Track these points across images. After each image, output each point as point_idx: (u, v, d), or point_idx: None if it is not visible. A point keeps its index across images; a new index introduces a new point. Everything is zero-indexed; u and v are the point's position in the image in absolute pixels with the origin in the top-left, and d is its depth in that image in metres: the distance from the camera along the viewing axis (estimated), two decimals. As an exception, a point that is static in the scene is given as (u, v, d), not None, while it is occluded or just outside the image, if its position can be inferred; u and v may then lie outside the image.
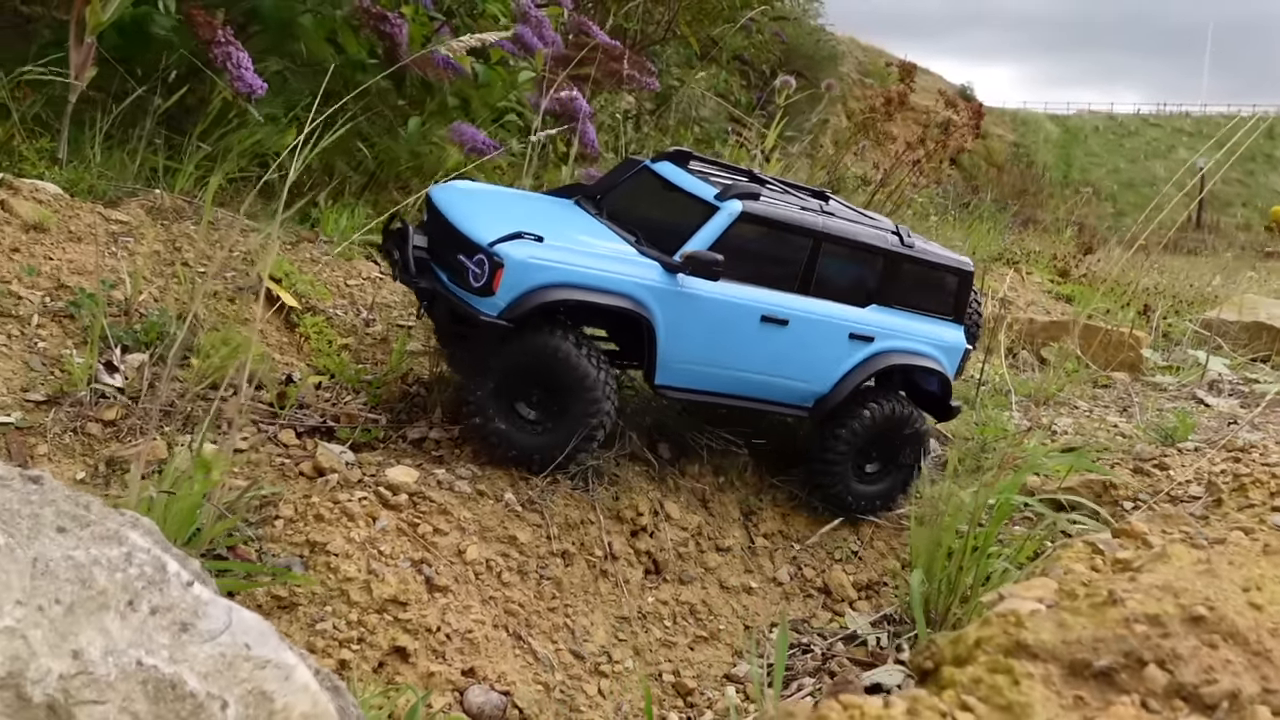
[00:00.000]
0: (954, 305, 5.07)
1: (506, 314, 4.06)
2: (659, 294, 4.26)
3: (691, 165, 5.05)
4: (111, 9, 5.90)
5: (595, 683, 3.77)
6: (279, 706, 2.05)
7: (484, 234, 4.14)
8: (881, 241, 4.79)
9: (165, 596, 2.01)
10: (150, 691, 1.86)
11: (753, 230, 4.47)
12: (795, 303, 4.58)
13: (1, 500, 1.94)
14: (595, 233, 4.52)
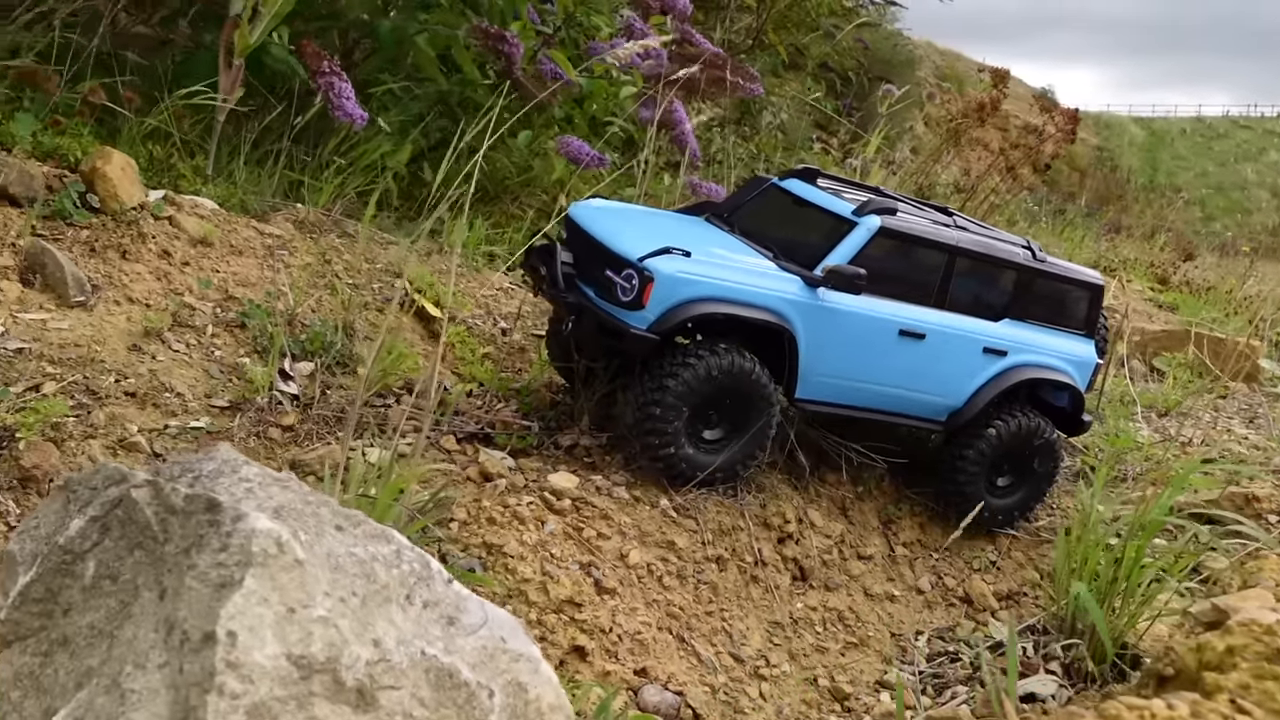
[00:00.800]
0: (1085, 319, 5.08)
1: (655, 327, 4.14)
2: (801, 308, 4.32)
3: (820, 182, 5.11)
4: (259, 33, 6.16)
5: (756, 685, 3.86)
6: (532, 697, 2.18)
7: (632, 249, 4.23)
8: (1014, 256, 4.82)
9: (432, 592, 2.15)
10: (432, 680, 1.99)
11: (890, 245, 4.53)
12: (931, 317, 4.63)
13: (287, 501, 2.10)
14: (734, 248, 4.60)
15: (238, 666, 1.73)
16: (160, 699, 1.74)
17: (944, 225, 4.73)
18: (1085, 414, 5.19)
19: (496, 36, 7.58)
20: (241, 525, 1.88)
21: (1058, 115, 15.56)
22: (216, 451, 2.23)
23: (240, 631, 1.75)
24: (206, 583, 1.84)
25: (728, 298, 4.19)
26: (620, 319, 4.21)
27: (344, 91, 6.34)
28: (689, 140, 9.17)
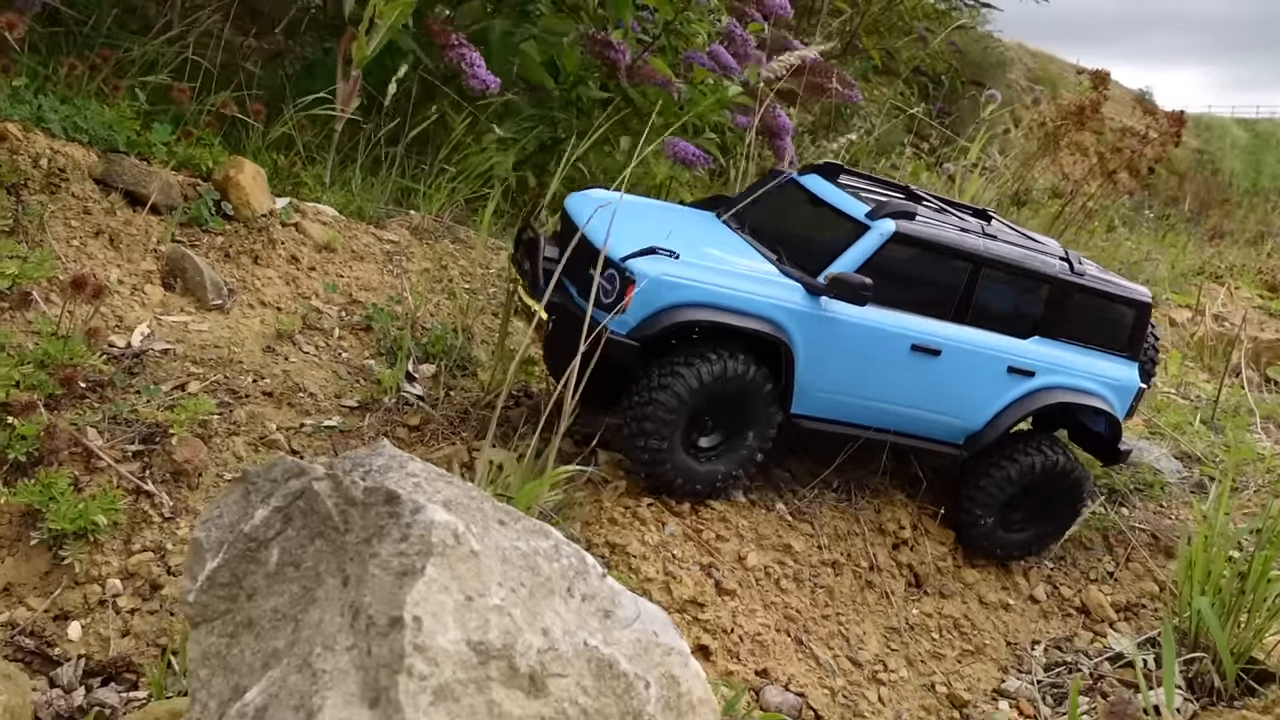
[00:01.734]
0: (1128, 340, 4.62)
1: (636, 333, 3.83)
2: (800, 318, 3.98)
3: (842, 179, 4.73)
4: (375, 44, 6.36)
5: (874, 690, 3.86)
6: (684, 690, 2.24)
7: (616, 247, 3.93)
8: (1048, 268, 4.39)
9: (589, 585, 2.23)
10: (594, 669, 2.07)
11: (906, 252, 4.14)
12: (949, 331, 4.24)
13: (453, 495, 2.19)
14: (735, 249, 4.26)
15: (424, 650, 1.82)
16: (350, 679, 1.84)
17: (971, 232, 4.32)
18: (1123, 443, 4.74)
19: (603, 43, 7.71)
20: (420, 517, 1.98)
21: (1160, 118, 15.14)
22: (383, 448, 2.34)
23: (425, 617, 1.85)
24: (389, 571, 1.94)
25: (717, 304, 3.87)
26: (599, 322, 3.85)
27: (475, 60, 6.48)
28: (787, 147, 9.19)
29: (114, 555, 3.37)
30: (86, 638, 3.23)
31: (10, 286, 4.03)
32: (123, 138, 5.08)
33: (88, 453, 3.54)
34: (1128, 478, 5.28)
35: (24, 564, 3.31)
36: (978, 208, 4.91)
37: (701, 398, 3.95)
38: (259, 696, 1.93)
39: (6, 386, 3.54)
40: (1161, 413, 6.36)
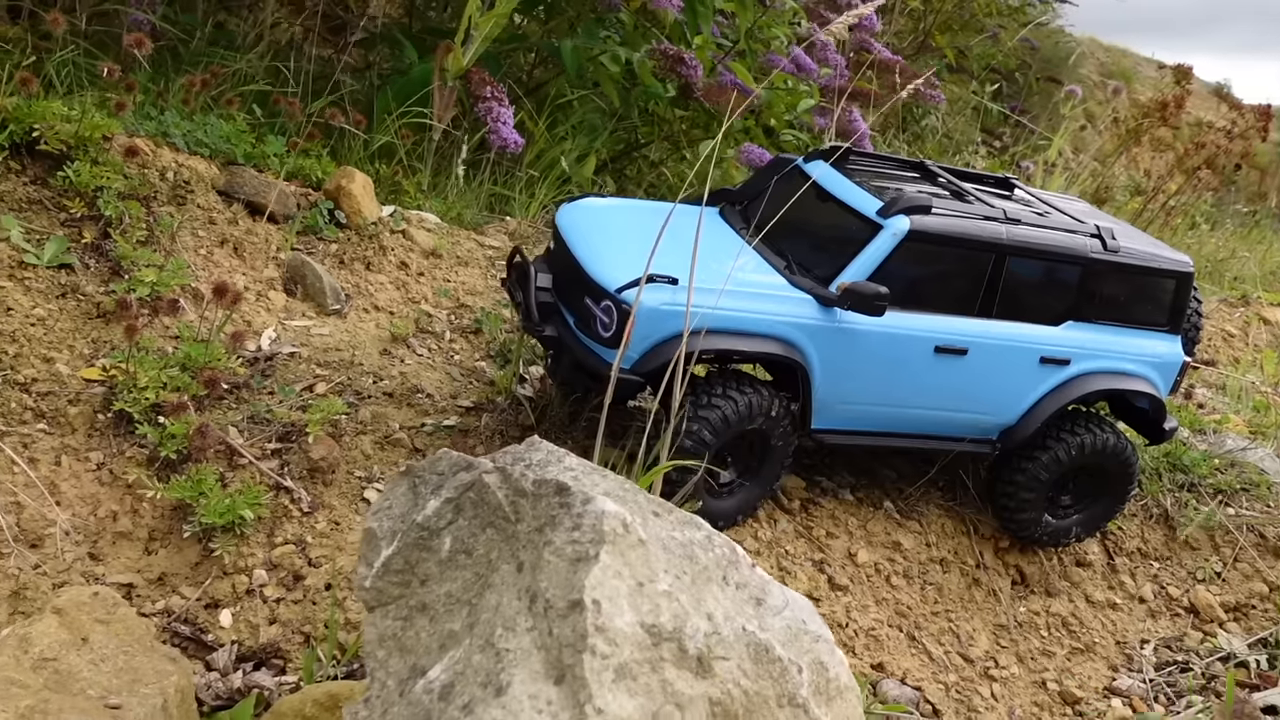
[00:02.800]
0: (1170, 313, 4.37)
1: (640, 368, 3.65)
2: (814, 332, 3.78)
3: (851, 165, 4.41)
4: (471, 55, 6.54)
5: (987, 686, 3.90)
6: (832, 675, 2.33)
7: (611, 274, 3.71)
8: (1079, 249, 4.10)
9: (741, 574, 2.32)
10: (752, 654, 2.16)
11: (923, 249, 3.87)
12: (975, 328, 4.02)
13: (610, 488, 2.30)
14: (734, 259, 3.94)
15: (604, 631, 1.93)
16: (534, 658, 1.96)
17: (994, 218, 4.00)
18: (1168, 421, 4.53)
19: (675, 58, 7.81)
20: (591, 507, 2.10)
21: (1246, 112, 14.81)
22: (539, 444, 2.46)
23: (603, 600, 1.96)
24: (563, 558, 2.06)
25: (724, 328, 3.67)
26: (601, 356, 3.72)
27: (501, 116, 6.58)
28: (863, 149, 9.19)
29: (259, 547, 3.55)
30: (236, 625, 3.41)
31: (150, 294, 4.25)
32: (240, 150, 5.31)
33: (231, 451, 3.73)
34: (1233, 477, 5.23)
35: (176, 555, 3.51)
36: (999, 175, 4.66)
37: (724, 441, 3.81)
38: (443, 674, 2.06)
39: (156, 388, 3.74)
40: (1262, 413, 6.27)
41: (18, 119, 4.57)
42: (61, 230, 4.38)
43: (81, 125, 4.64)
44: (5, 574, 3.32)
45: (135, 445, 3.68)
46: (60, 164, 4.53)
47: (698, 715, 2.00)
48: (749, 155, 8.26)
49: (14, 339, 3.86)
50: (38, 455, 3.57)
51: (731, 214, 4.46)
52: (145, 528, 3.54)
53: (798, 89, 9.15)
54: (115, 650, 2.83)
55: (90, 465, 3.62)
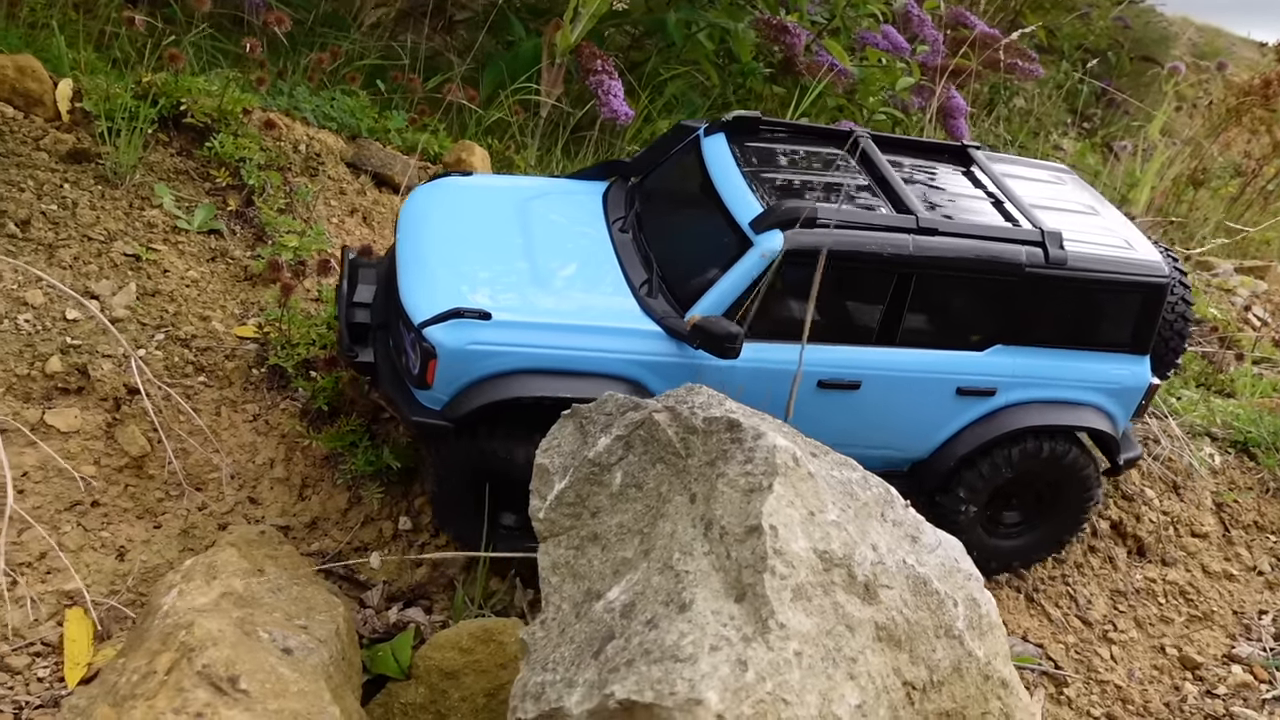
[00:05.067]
0: (1134, 332, 3.62)
1: (450, 412, 3.17)
2: (665, 370, 3.21)
3: (755, 142, 3.69)
4: (579, 32, 6.68)
5: (1106, 648, 3.94)
6: (983, 611, 2.42)
7: (422, 298, 3.22)
8: (1009, 259, 3.38)
9: (896, 513, 2.42)
10: (911, 585, 2.26)
11: (805, 270, 3.17)
12: (870, 358, 3.40)
13: (774, 425, 2.42)
14: (588, 273, 3.43)
15: (782, 554, 2.05)
16: (713, 579, 2.09)
17: (900, 229, 3.31)
18: (1127, 452, 3.90)
19: (779, 28, 7.84)
20: (762, 442, 2.22)
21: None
22: (700, 388, 2.58)
23: (779, 527, 2.08)
24: (736, 489, 2.18)
25: (554, 368, 3.15)
26: (401, 398, 3.27)
27: (612, 89, 6.70)
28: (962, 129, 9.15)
29: (402, 496, 3.75)
30: (385, 566, 3.61)
31: (292, 258, 4.48)
32: (364, 124, 5.53)
33: (374, 404, 3.93)
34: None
35: (328, 501, 3.72)
36: (956, 145, 4.01)
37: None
38: (622, 595, 2.20)
39: (306, 345, 3.96)
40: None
41: (166, 94, 4.83)
42: (208, 198, 4.62)
43: (224, 100, 4.89)
44: (175, 514, 3.56)
45: (288, 398, 3.90)
46: (204, 136, 4.77)
47: (865, 638, 2.11)
48: (846, 133, 8.23)
49: (172, 298, 4.11)
50: (200, 406, 3.81)
51: (618, 195, 3.86)
52: (299, 475, 3.75)
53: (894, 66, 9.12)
54: (287, 582, 3.04)
55: (247, 416, 3.85)
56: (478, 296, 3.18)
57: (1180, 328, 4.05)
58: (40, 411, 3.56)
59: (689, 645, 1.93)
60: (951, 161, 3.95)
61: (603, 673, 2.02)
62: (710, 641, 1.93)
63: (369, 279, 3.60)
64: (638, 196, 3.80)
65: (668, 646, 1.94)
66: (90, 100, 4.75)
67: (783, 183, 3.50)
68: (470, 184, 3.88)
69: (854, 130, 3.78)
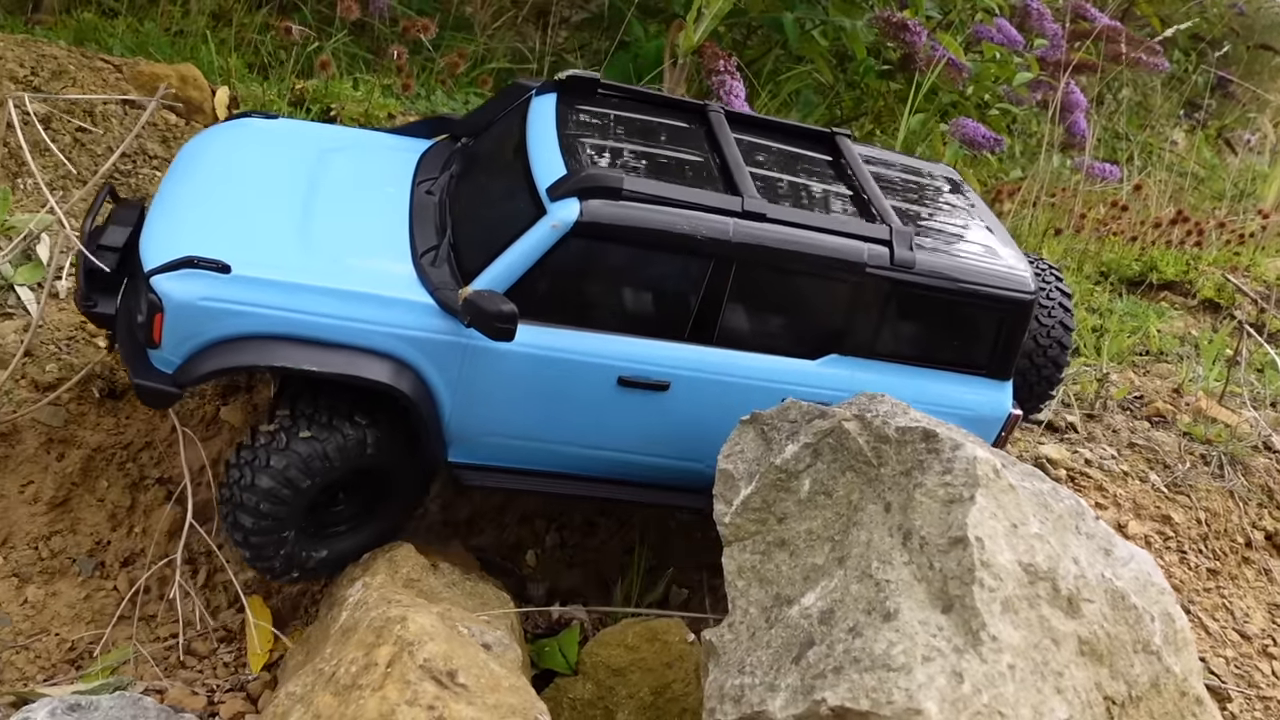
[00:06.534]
0: (993, 353, 3.20)
1: (183, 376, 2.79)
2: (434, 349, 2.86)
3: (587, 108, 3.37)
4: (701, 32, 6.71)
5: (1267, 663, 3.84)
6: (1179, 627, 2.38)
7: (161, 243, 2.85)
8: (849, 256, 2.98)
9: (1088, 525, 2.40)
10: (1110, 599, 2.25)
11: (604, 248, 2.88)
12: (682, 356, 3.01)
13: (968, 435, 2.42)
14: (369, 234, 3.10)
15: (989, 566, 2.06)
16: (917, 589, 2.11)
17: (721, 210, 2.93)
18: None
19: (899, 25, 7.76)
20: (961, 453, 2.22)
21: None
22: (882, 397, 2.59)
23: (985, 539, 2.09)
24: (935, 499, 2.20)
25: (295, 335, 2.78)
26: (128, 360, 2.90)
27: (735, 89, 6.70)
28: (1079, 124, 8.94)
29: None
30: (540, 565, 3.70)
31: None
32: (498, 127, 5.65)
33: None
34: None
35: (483, 500, 3.82)
36: (823, 131, 3.63)
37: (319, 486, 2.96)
38: (819, 602, 2.23)
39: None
40: None
41: (316, 99, 5.01)
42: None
43: (370, 104, 5.04)
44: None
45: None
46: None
47: (1069, 652, 2.11)
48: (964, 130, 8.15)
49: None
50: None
51: (437, 155, 3.54)
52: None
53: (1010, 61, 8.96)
54: (459, 577, 3.14)
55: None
56: (223, 246, 2.78)
57: (1055, 354, 3.62)
58: (215, 408, 3.73)
59: (900, 655, 1.95)
60: (815, 149, 3.58)
61: (806, 678, 2.05)
62: (922, 651, 1.95)
63: (125, 221, 3.10)
64: (458, 159, 3.47)
65: (878, 655, 1.97)
66: (246, 105, 4.95)
67: (607, 152, 3.16)
68: (270, 127, 3.51)
69: (706, 105, 3.49)
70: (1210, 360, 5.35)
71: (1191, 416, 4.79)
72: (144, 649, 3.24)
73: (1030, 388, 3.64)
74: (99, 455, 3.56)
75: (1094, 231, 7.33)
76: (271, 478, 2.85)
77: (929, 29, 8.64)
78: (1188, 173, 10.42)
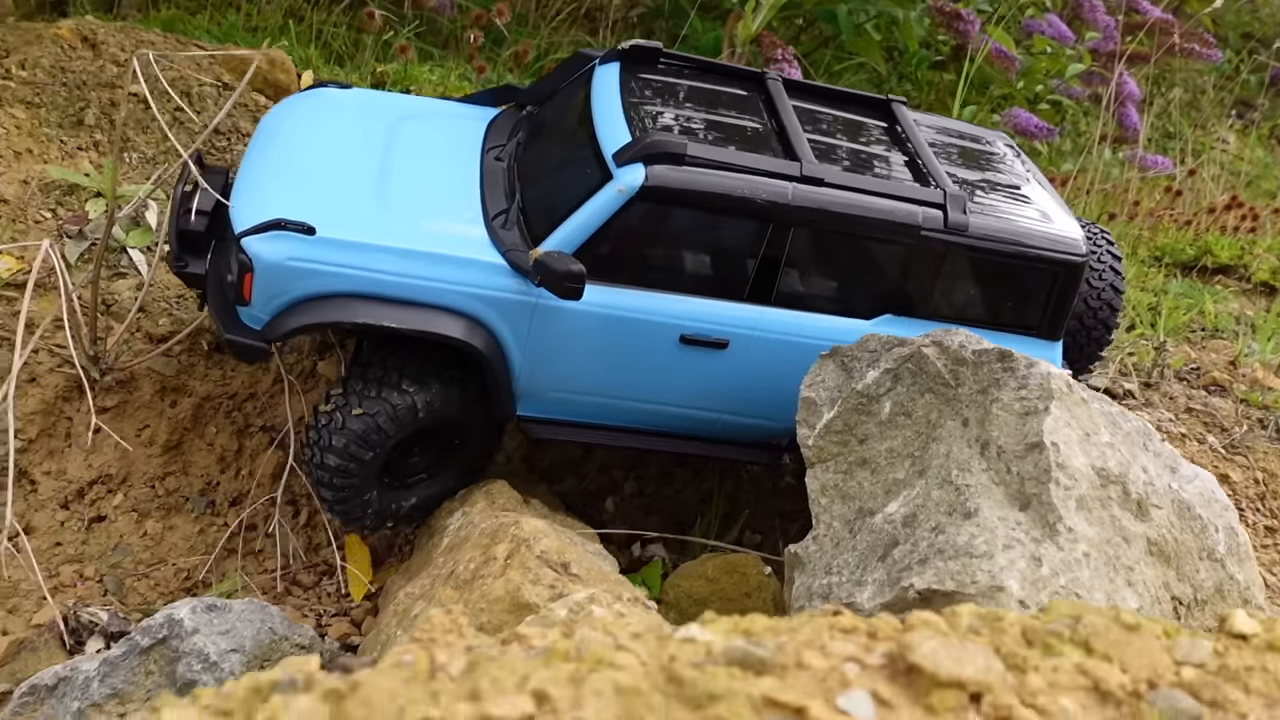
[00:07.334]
0: (1045, 314, 3.25)
1: (272, 332, 2.96)
2: (506, 308, 2.98)
3: (649, 75, 3.45)
4: (759, 23, 6.91)
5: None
6: (1241, 541, 2.52)
7: (251, 207, 3.00)
8: (904, 219, 3.06)
9: (1155, 445, 2.55)
10: (1176, 508, 2.39)
11: (668, 211, 3.00)
12: (741, 316, 3.11)
13: (1030, 364, 2.58)
14: (443, 198, 3.22)
15: (1064, 467, 2.22)
16: (995, 491, 2.27)
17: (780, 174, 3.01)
18: None
19: (953, 15, 7.90)
20: (1035, 370, 2.39)
21: None
22: (956, 330, 2.75)
23: (1060, 444, 2.25)
24: (1011, 412, 2.36)
25: (375, 294, 2.92)
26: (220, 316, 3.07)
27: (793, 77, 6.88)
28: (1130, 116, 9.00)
29: (632, 446, 4.02)
30: (618, 511, 3.89)
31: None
32: (566, 112, 5.87)
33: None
34: None
35: (558, 451, 4.02)
36: (879, 99, 3.71)
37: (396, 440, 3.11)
38: (901, 509, 2.40)
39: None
40: None
41: (396, 81, 5.26)
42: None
43: (446, 87, 5.28)
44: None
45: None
46: (431, 121, 5.17)
47: (1139, 550, 2.26)
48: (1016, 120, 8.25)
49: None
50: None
51: (505, 122, 3.64)
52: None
53: (1062, 53, 9.04)
54: (549, 512, 3.34)
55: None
56: (308, 209, 2.92)
57: (1105, 316, 3.66)
58: (312, 362, 3.97)
59: (982, 544, 2.11)
60: (872, 116, 3.67)
61: (893, 572, 2.22)
62: (1002, 541, 2.11)
63: (215, 185, 3.24)
64: (524, 126, 3.57)
65: (960, 545, 2.13)
66: (330, 88, 5.21)
67: (669, 119, 3.24)
68: (345, 97, 3.64)
69: (765, 73, 3.58)
70: (1266, 337, 5.43)
71: (1248, 385, 4.88)
72: (251, 580, 3.48)
73: (1080, 348, 3.70)
74: (208, 403, 3.81)
75: (1147, 218, 7.41)
76: (337, 455, 3.04)
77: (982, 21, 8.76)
78: (1240, 171, 10.42)
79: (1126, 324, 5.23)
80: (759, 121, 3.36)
